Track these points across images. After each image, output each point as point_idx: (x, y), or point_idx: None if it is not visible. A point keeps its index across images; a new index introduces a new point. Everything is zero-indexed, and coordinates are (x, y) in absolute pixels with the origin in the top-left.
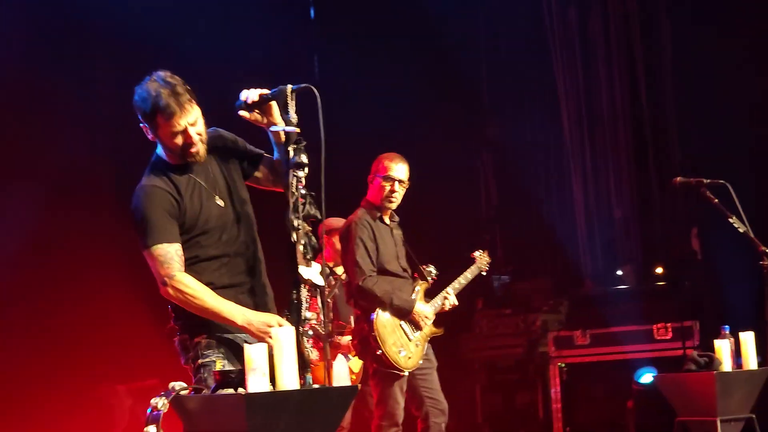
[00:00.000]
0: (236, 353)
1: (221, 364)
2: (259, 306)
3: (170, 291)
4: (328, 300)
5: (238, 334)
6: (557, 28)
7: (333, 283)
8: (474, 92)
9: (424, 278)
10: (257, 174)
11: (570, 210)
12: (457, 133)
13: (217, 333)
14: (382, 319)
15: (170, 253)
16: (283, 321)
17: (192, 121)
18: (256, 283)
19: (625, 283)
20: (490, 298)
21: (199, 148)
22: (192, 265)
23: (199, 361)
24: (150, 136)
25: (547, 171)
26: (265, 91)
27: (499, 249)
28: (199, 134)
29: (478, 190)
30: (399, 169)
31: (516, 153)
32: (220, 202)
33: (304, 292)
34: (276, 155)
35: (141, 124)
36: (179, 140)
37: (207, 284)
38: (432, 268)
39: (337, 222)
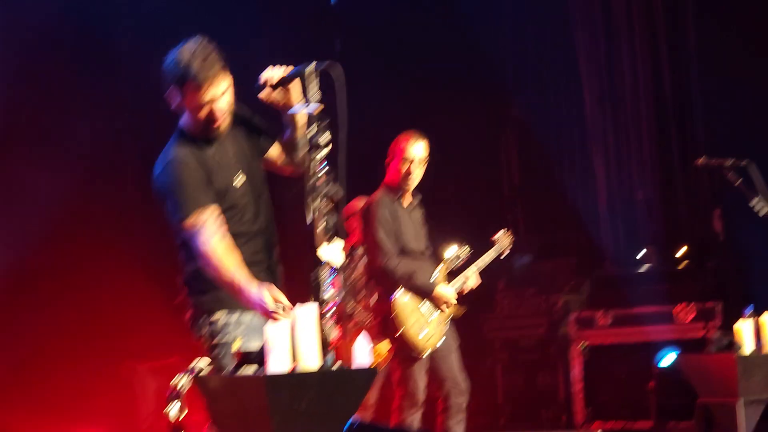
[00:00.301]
0: (256, 332)
1: (239, 343)
2: (274, 284)
3: (202, 261)
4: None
5: (255, 314)
6: (580, 7)
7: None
8: (497, 71)
9: (445, 258)
10: (272, 152)
11: (592, 190)
12: (480, 112)
13: (237, 311)
14: (402, 299)
15: (203, 219)
16: (286, 301)
17: (223, 90)
18: (272, 261)
19: (648, 264)
20: (511, 278)
21: (222, 122)
22: None
23: (216, 339)
24: (175, 103)
25: (570, 151)
26: (288, 69)
27: (521, 229)
28: (227, 105)
29: (500, 169)
30: (416, 148)
31: (538, 132)
32: (242, 179)
33: (324, 272)
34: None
35: (168, 90)
36: (204, 112)
37: None
38: (462, 251)
39: (358, 205)
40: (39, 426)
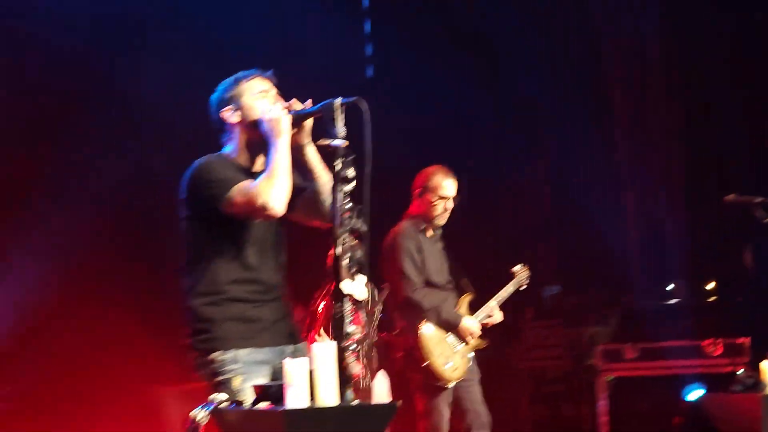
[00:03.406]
0: (255, 368)
1: (239, 380)
2: (276, 322)
3: (273, 211)
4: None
5: (255, 349)
6: (614, 37)
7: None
8: (529, 103)
9: (468, 290)
10: (297, 202)
11: (622, 222)
12: (511, 143)
13: (231, 349)
14: (428, 330)
15: (246, 184)
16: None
17: (274, 93)
18: (276, 303)
19: (676, 297)
20: (539, 308)
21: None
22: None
23: (216, 378)
24: (233, 119)
25: (601, 182)
26: (308, 104)
27: (550, 259)
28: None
29: (530, 200)
30: (451, 186)
31: (570, 164)
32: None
33: (347, 306)
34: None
35: (222, 111)
36: (266, 101)
37: (221, 292)
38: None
39: None
40: None
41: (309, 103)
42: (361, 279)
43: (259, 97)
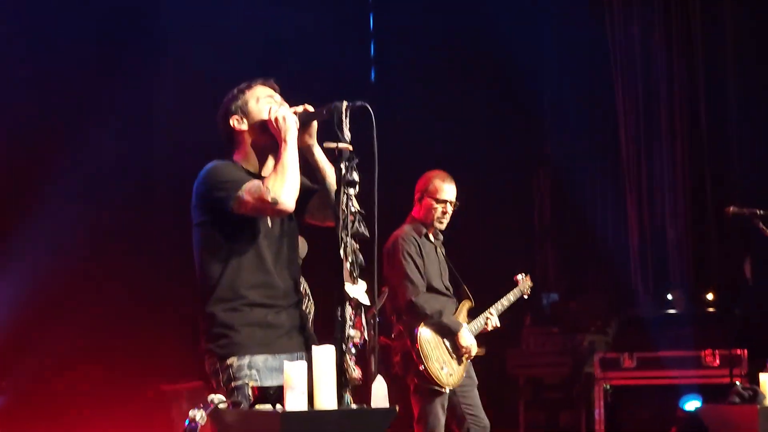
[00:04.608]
0: (270, 374)
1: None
2: (294, 329)
3: (283, 206)
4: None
5: (271, 356)
6: (619, 45)
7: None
8: (534, 109)
9: (467, 297)
10: (313, 203)
11: (624, 229)
12: (514, 149)
13: (246, 355)
14: (426, 334)
15: (256, 182)
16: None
17: (279, 101)
18: (292, 309)
19: (675, 307)
20: (538, 315)
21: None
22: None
23: (232, 384)
24: (242, 127)
25: (603, 189)
26: (307, 107)
27: (550, 267)
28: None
29: (532, 206)
30: (450, 190)
31: (572, 170)
32: (269, 223)
33: (349, 310)
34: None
35: (231, 118)
36: (271, 105)
37: (240, 297)
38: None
39: None
40: None
41: (308, 107)
42: (363, 284)
43: (264, 102)
